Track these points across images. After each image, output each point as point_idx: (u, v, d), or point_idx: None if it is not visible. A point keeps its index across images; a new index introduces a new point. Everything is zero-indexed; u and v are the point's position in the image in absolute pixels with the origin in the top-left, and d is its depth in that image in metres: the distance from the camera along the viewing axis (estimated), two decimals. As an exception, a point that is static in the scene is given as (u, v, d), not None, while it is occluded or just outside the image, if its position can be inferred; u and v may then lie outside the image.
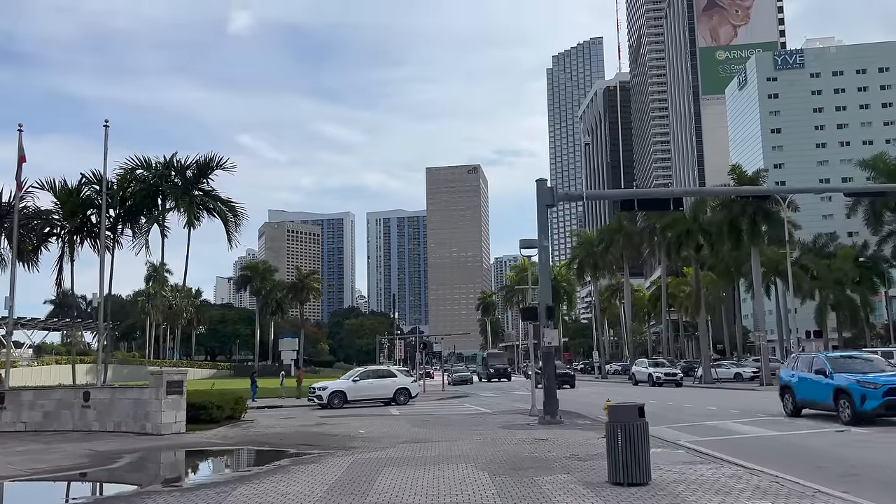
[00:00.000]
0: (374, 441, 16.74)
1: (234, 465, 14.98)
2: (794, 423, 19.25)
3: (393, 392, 31.87)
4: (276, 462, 13.73)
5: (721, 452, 13.71)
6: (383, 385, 31.09)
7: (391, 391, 31.79)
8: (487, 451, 14.26)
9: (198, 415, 21.36)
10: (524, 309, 21.42)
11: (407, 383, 32.92)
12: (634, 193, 21.86)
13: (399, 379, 33.17)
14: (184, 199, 21.86)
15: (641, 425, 10.21)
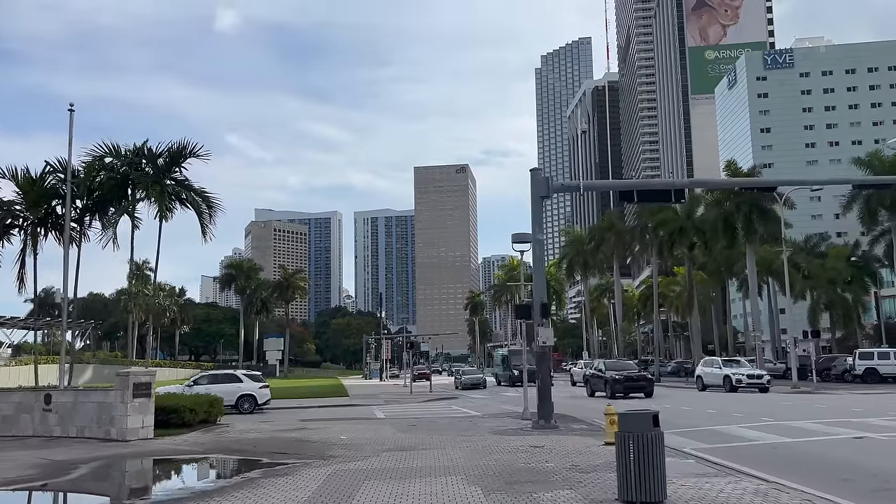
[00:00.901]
0: (355, 449, 15.45)
1: (197, 478, 13.62)
2: (802, 428, 18.12)
3: (235, 399, 28.65)
4: (246, 474, 12.42)
5: (735, 462, 12.52)
6: (224, 391, 27.33)
7: (234, 397, 28.58)
8: (479, 462, 13.01)
9: (168, 419, 20.00)
10: (518, 306, 20.20)
11: (253, 389, 29.68)
12: (634, 184, 20.75)
13: (245, 384, 29.79)
14: (154, 188, 20.45)
15: (656, 436, 8.99)
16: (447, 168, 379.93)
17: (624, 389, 32.37)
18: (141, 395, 18.27)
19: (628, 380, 33.07)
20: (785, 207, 42.99)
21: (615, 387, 32.07)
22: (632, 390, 32.63)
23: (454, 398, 39.05)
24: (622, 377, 33.01)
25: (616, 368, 35.31)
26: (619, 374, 32.90)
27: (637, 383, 32.90)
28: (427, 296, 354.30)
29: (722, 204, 46.57)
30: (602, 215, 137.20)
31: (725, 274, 71.01)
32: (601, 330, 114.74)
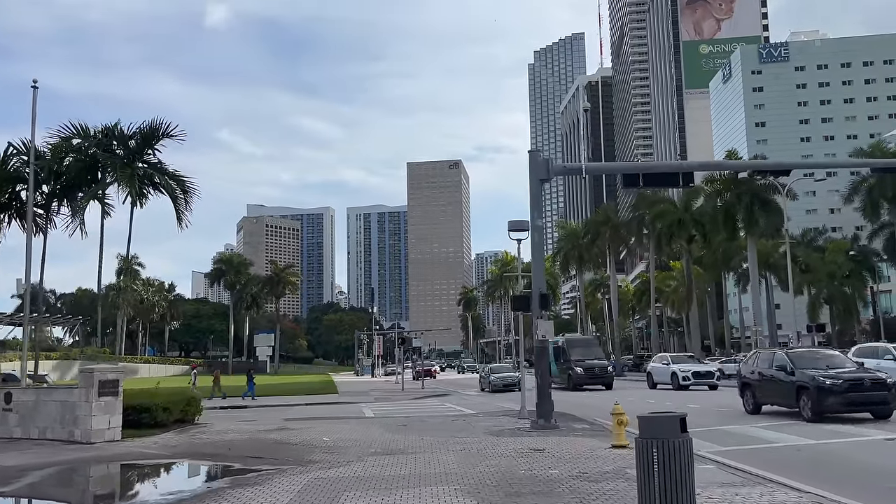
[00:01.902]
0: (338, 452, 14.07)
1: (155, 488, 12.18)
2: (823, 428, 16.84)
3: None
4: (211, 483, 11.06)
5: (757, 467, 11.21)
6: None
7: None
8: (475, 468, 11.66)
9: (140, 418, 18.58)
10: (515, 297, 18.87)
11: None
12: (639, 167, 19.45)
13: None
14: (124, 171, 18.99)
15: (684, 443, 7.64)
16: (440, 164, 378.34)
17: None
18: (107, 393, 16.85)
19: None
20: (787, 198, 41.81)
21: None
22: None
23: (447, 395, 37.74)
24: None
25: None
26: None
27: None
28: (420, 292, 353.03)
29: (722, 195, 45.39)
30: (595, 210, 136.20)
31: (722, 268, 70.02)
32: (595, 325, 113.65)
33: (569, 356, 38.09)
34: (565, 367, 37.73)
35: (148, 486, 12.31)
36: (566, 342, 39.84)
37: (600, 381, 36.93)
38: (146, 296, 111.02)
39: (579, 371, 36.65)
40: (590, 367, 37.00)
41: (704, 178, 45.08)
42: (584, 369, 36.73)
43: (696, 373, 34.80)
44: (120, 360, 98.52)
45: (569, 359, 37.94)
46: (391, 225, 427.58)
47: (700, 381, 34.41)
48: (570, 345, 39.60)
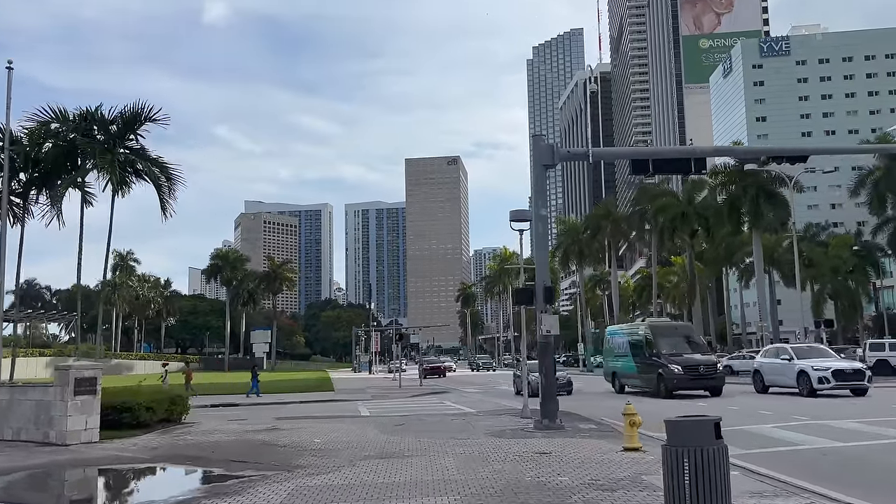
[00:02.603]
0: (329, 455, 13.07)
1: (121, 498, 11.13)
2: (846, 429, 15.86)
3: None
4: (186, 491, 10.03)
5: (787, 474, 10.24)
6: None
7: None
8: (477, 473, 10.66)
9: (121, 418, 17.56)
10: (518, 290, 17.85)
11: None
12: (649, 152, 18.46)
13: None
14: (104, 157, 17.95)
15: (720, 451, 6.66)
16: (439, 160, 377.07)
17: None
18: (84, 392, 15.82)
19: None
20: (794, 191, 40.85)
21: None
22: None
23: (446, 392, 36.74)
24: None
25: None
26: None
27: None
28: (418, 288, 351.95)
29: (727, 188, 44.42)
30: (595, 205, 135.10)
31: (725, 263, 69.04)
32: (594, 322, 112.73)
33: (656, 349, 28.04)
34: (652, 364, 27.86)
35: (112, 495, 11.25)
36: (651, 330, 29.51)
37: (706, 383, 26.93)
38: (142, 292, 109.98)
39: (675, 370, 26.44)
40: (691, 365, 26.65)
41: (709, 171, 44.09)
42: (682, 367, 26.47)
43: (839, 372, 25.11)
44: (115, 356, 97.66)
45: (657, 353, 27.86)
46: (389, 221, 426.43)
47: (843, 383, 24.93)
48: (658, 333, 29.13)
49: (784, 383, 26.58)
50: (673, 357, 27.10)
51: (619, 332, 34.29)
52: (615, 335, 33.91)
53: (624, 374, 31.19)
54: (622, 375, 31.40)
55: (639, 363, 29.09)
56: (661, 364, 27.10)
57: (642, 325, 30.91)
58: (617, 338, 33.17)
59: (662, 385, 26.70)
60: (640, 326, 30.96)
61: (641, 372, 28.85)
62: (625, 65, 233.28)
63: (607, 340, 34.96)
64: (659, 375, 27.04)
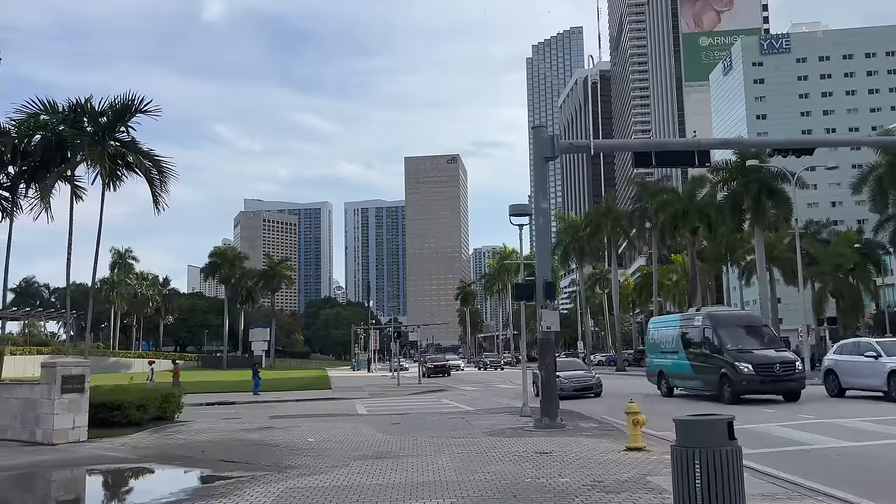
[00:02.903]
0: (322, 455, 12.65)
1: (103, 502, 10.66)
2: (856, 428, 15.44)
3: None
4: (169, 492, 9.61)
5: (800, 476, 9.82)
6: None
7: None
8: (474, 475, 10.24)
9: (111, 417, 17.19)
10: (518, 285, 17.43)
11: None
12: (651, 144, 18.00)
13: None
14: (94, 149, 17.52)
15: (733, 453, 6.24)
16: (438, 158, 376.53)
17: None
18: (72, 390, 15.40)
19: None
20: (796, 187, 40.40)
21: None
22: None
23: (444, 390, 36.31)
24: None
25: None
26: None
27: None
28: (417, 287, 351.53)
29: (729, 184, 44.00)
30: (594, 203, 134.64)
31: (725, 261, 68.61)
32: (593, 320, 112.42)
33: (719, 344, 22.92)
34: (713, 362, 22.92)
35: (91, 499, 10.81)
36: (711, 320, 24.10)
37: (782, 386, 22.09)
38: (140, 290, 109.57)
39: (745, 370, 21.44)
40: (764, 364, 21.65)
41: (709, 167, 43.63)
42: (754, 367, 21.47)
43: None
44: (113, 354, 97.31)
45: (719, 348, 22.81)
46: (389, 220, 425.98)
47: None
48: (720, 324, 23.78)
49: (868, 385, 22.26)
50: (741, 354, 21.96)
51: (667, 323, 28.61)
52: (662, 327, 28.55)
53: (674, 373, 25.85)
54: (672, 375, 26.05)
55: (695, 361, 24.22)
56: (725, 362, 22.14)
57: (698, 314, 25.60)
58: (664, 330, 27.76)
59: (728, 388, 21.90)
60: (695, 317, 25.60)
61: (698, 372, 23.94)
62: (624, 63, 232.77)
63: (650, 334, 29.44)
64: (723, 376, 22.16)
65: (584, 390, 26.83)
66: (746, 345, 22.77)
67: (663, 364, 26.79)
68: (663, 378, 26.74)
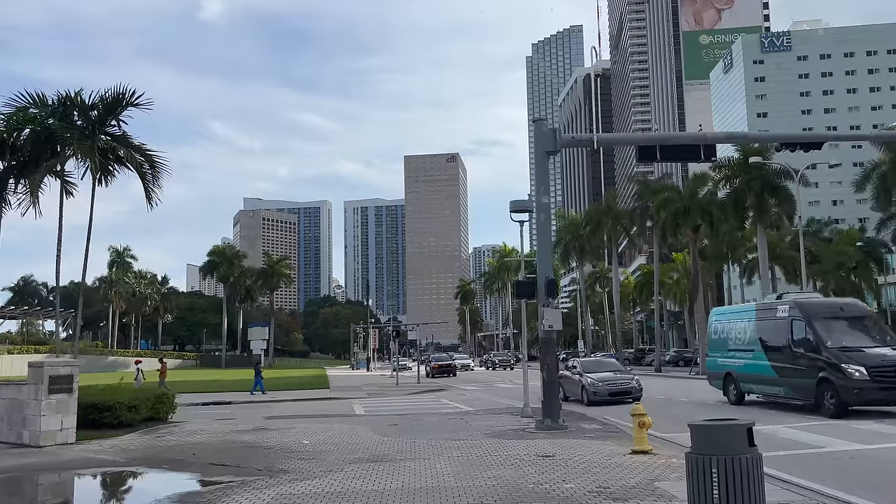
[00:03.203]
0: (316, 459, 12.21)
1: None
2: (868, 430, 15.01)
3: None
4: (154, 499, 9.17)
5: (814, 481, 9.39)
6: None
7: None
8: (475, 479, 9.80)
9: (101, 418, 16.74)
10: (519, 283, 16.98)
11: None
12: (656, 138, 17.56)
13: None
14: (83, 143, 17.05)
15: (753, 461, 5.79)
16: (438, 157, 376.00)
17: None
18: (59, 390, 14.95)
19: None
20: (800, 185, 39.93)
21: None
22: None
23: (443, 389, 35.86)
24: None
25: None
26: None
27: None
28: (417, 286, 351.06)
29: (731, 182, 43.53)
30: (593, 203, 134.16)
31: (726, 259, 68.16)
32: (593, 319, 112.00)
33: (816, 341, 18.34)
34: (809, 363, 18.37)
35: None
36: (802, 309, 19.37)
37: None
38: (138, 289, 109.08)
39: (857, 374, 17.01)
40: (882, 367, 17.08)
41: (714, 162, 43.18)
42: (868, 369, 17.00)
43: None
44: (112, 353, 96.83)
45: (816, 346, 18.28)
46: (388, 218, 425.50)
47: None
48: (815, 314, 19.12)
49: None
50: (847, 353, 17.45)
51: (738, 315, 22.92)
52: (731, 319, 23.01)
53: (748, 376, 20.85)
54: (745, 378, 21.03)
55: (778, 362, 19.52)
56: (826, 364, 17.62)
57: (783, 303, 20.31)
58: (734, 323, 22.44)
59: (832, 396, 17.29)
60: (778, 306, 20.38)
61: (783, 375, 19.29)
62: (625, 61, 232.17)
63: (712, 327, 24.07)
64: (823, 382, 17.60)
65: (621, 394, 22.76)
66: (852, 341, 18.14)
67: (731, 364, 21.78)
68: (731, 381, 21.73)
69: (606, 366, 26.23)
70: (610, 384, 23.28)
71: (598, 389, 22.77)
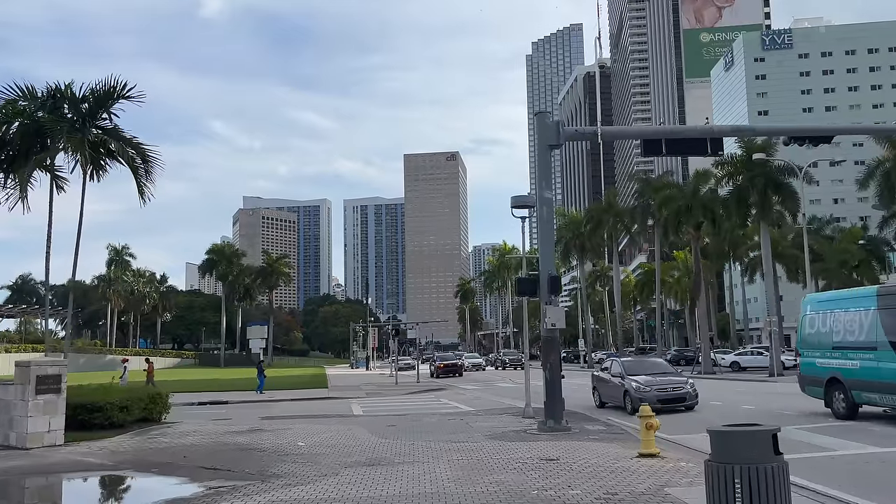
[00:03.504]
0: (310, 462, 11.75)
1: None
2: (874, 431, 14.56)
3: None
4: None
5: (831, 486, 8.95)
6: None
7: None
8: (476, 485, 9.35)
9: (91, 419, 16.30)
10: (521, 279, 16.51)
11: None
12: (662, 131, 17.12)
13: None
14: (73, 136, 16.58)
15: (779, 470, 5.34)
16: (437, 155, 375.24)
17: None
18: (47, 391, 14.51)
19: None
20: (804, 182, 39.50)
21: None
22: None
23: (443, 389, 35.40)
24: None
25: None
26: None
27: None
28: (417, 284, 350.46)
29: (734, 178, 43.10)
30: (593, 201, 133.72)
31: (728, 257, 67.73)
32: (593, 318, 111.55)
33: None
34: None
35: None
36: None
37: None
38: (137, 287, 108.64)
39: None
40: None
41: (714, 162, 42.87)
42: None
43: None
44: (110, 352, 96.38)
45: None
46: (388, 217, 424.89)
47: None
48: None
49: None
50: None
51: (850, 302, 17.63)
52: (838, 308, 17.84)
53: (866, 382, 16.19)
54: (860, 385, 16.37)
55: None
56: None
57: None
58: (843, 313, 17.49)
59: None
60: None
61: None
62: (625, 59, 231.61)
63: (808, 319, 19.01)
64: None
65: (674, 401, 19.41)
66: None
67: (839, 366, 17.12)
68: (839, 388, 16.99)
69: (652, 366, 22.15)
70: (659, 389, 19.64)
71: (646, 395, 18.98)
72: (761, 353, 48.13)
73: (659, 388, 19.57)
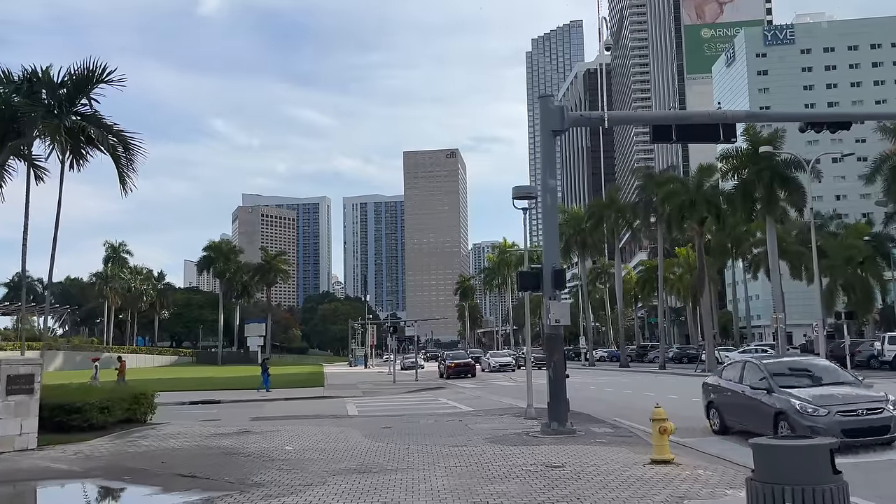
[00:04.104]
0: (297, 469, 10.87)
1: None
2: None
3: None
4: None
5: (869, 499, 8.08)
6: None
7: None
8: (475, 496, 8.47)
9: (69, 420, 15.42)
10: (523, 273, 15.63)
11: None
12: (672, 116, 16.28)
13: None
14: (50, 122, 15.69)
15: (839, 491, 4.48)
16: (437, 153, 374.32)
17: None
18: (18, 391, 13.61)
19: None
20: (811, 176, 38.55)
21: None
22: None
23: (440, 388, 34.52)
24: None
25: None
26: None
27: None
28: (416, 282, 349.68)
29: (739, 172, 42.21)
30: (593, 198, 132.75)
31: (731, 254, 66.86)
32: (595, 316, 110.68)
33: None
34: None
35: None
36: None
37: None
38: (134, 284, 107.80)
39: None
40: None
41: (719, 155, 42.05)
42: None
43: None
44: (107, 349, 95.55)
45: None
46: (388, 215, 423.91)
47: None
48: None
49: None
50: None
51: None
52: None
53: None
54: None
55: None
56: None
57: None
58: None
59: None
60: None
61: None
62: (625, 56, 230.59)
63: None
64: None
65: (872, 433, 11.64)
66: None
67: None
68: None
69: (826, 374, 13.70)
70: (844, 412, 11.77)
71: (821, 420, 11.60)
72: (766, 350, 47.24)
73: (843, 411, 11.76)
